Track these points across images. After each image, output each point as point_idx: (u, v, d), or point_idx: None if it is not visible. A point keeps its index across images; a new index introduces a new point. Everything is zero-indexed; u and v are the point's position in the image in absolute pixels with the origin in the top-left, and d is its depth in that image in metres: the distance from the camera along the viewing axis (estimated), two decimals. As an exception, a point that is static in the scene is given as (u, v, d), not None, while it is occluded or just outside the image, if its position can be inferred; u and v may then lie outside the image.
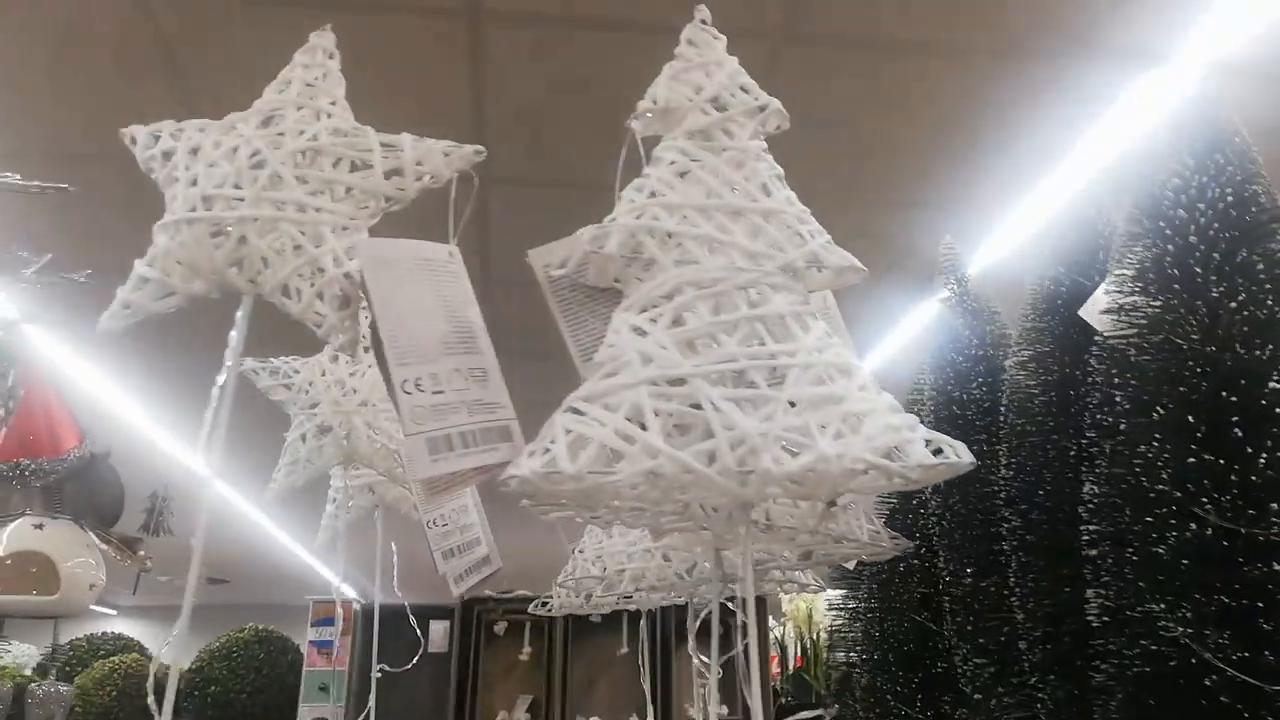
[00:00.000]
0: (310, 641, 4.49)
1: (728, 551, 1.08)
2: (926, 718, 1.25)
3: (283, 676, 4.24)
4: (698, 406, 0.69)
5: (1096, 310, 0.88)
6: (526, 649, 4.36)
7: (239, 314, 0.78)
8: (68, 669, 3.58)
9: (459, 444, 0.72)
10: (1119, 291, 0.82)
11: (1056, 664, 0.83)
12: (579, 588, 1.33)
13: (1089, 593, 0.75)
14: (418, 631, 1.53)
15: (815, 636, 4.72)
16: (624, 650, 4.08)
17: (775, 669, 4.50)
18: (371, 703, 1.43)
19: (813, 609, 4.83)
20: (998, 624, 0.97)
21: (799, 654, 4.67)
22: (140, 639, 4.37)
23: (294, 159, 0.78)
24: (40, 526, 1.29)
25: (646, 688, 1.97)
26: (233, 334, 0.76)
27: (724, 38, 0.84)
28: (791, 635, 4.76)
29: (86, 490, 1.31)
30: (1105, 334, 0.83)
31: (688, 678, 4.28)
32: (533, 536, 1.57)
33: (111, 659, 3.76)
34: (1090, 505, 0.76)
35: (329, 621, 4.53)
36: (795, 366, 0.70)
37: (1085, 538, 0.76)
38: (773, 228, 0.76)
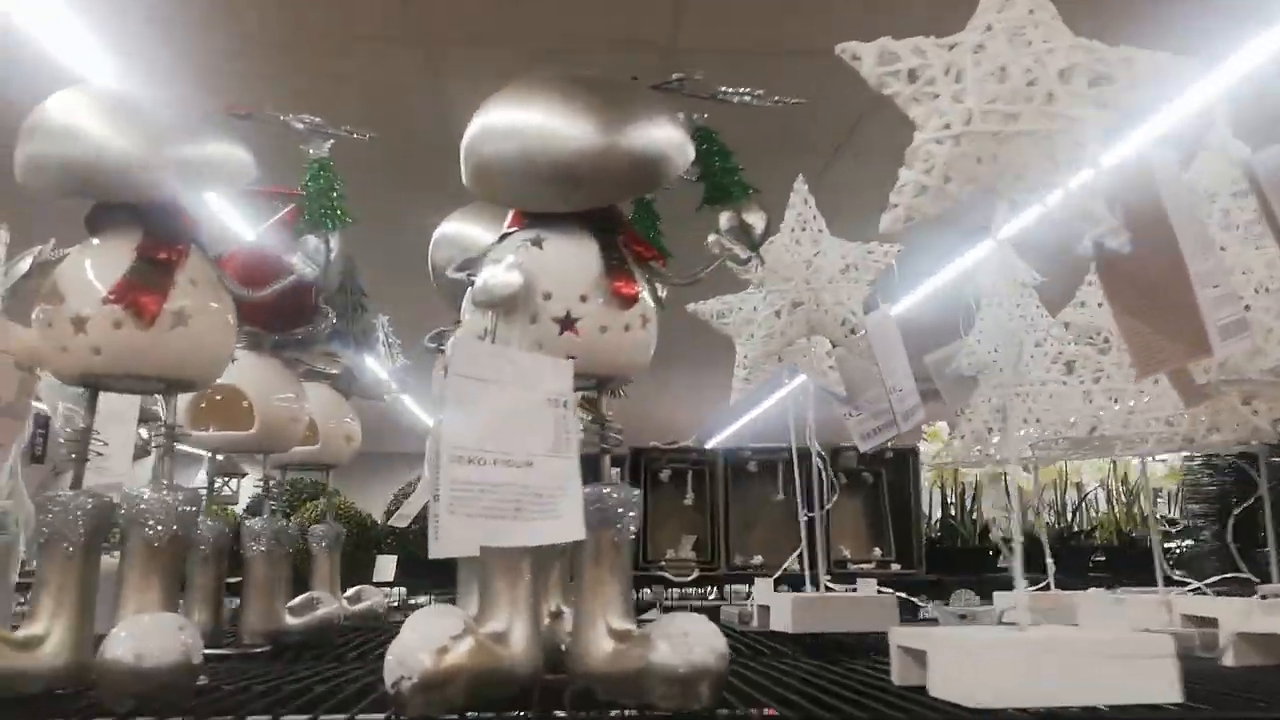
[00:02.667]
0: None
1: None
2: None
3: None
4: None
5: None
6: (690, 494, 4.62)
7: (997, 217, 0.89)
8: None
9: (1233, 331, 0.84)
10: None
11: None
12: (1094, 440, 1.46)
13: None
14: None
15: (960, 488, 4.94)
16: (780, 497, 4.33)
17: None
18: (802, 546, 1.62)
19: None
20: None
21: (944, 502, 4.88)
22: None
23: (1058, 76, 0.86)
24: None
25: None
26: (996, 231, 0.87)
27: None
28: (928, 484, 4.98)
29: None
30: None
31: (837, 521, 4.56)
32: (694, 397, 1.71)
33: (318, 501, 4.05)
34: None
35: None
36: None
37: None
38: None
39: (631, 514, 0.78)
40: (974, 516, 4.78)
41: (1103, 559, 3.70)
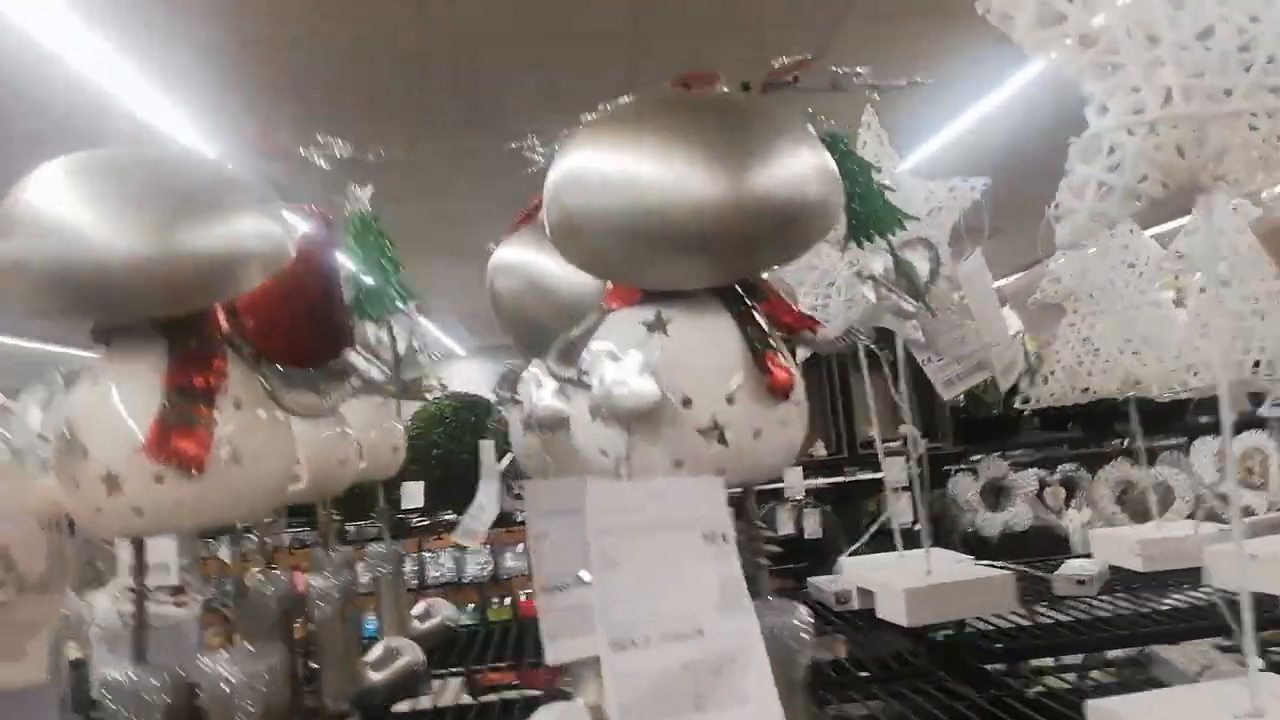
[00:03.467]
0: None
1: None
2: None
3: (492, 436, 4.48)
4: None
5: None
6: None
7: (1198, 213, 0.73)
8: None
9: None
10: None
11: None
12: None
13: None
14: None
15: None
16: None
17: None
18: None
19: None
20: None
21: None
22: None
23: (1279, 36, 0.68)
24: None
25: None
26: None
27: None
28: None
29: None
30: None
31: (860, 402, 4.49)
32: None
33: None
34: None
35: (530, 383, 4.77)
36: None
37: None
38: None
39: (807, 641, 0.65)
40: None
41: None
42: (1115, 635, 1.15)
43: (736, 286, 0.66)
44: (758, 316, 0.65)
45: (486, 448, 1.52)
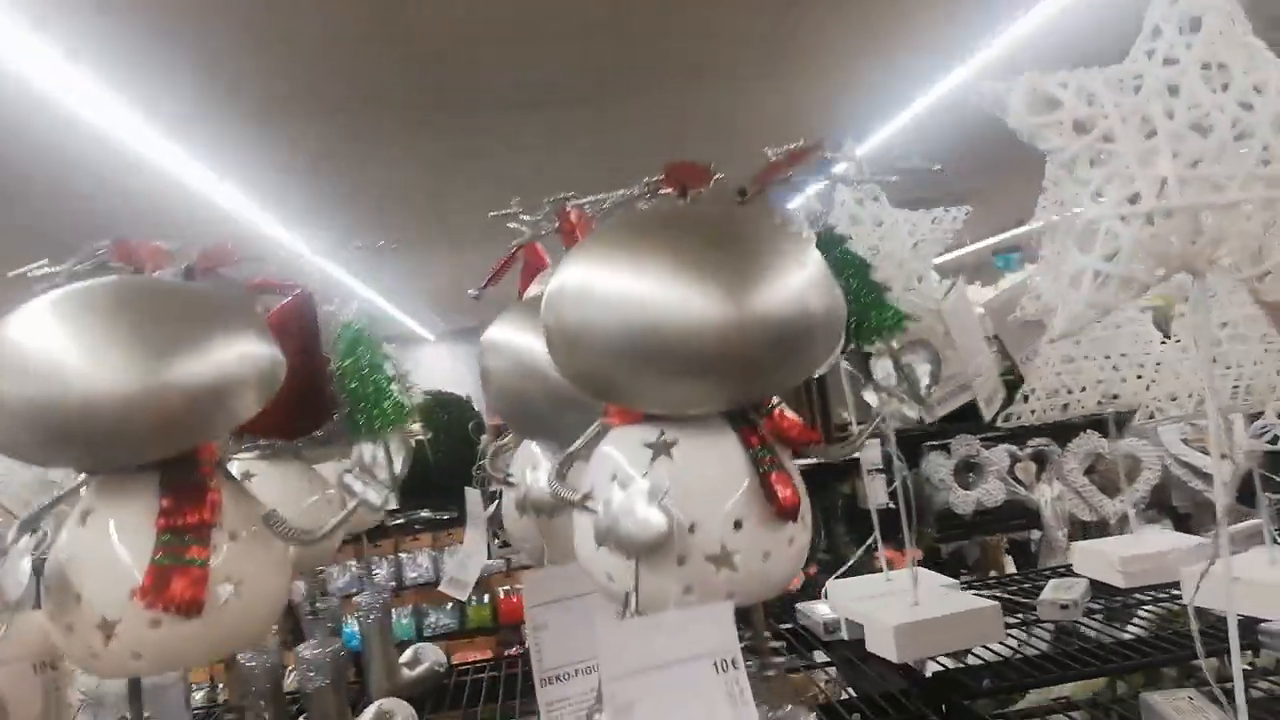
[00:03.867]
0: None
1: None
2: None
3: (468, 436, 4.45)
4: None
5: None
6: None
7: (1194, 298, 0.73)
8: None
9: None
10: None
11: None
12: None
13: None
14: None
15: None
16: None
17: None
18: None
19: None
20: None
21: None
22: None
23: (1273, 125, 0.68)
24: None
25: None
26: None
27: None
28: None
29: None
30: None
31: (835, 387, 4.52)
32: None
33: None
34: None
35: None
36: None
37: None
38: None
39: (817, 752, 0.65)
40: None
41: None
42: (1103, 667, 1.17)
43: (740, 402, 0.65)
44: (762, 433, 0.64)
45: (473, 496, 1.51)
